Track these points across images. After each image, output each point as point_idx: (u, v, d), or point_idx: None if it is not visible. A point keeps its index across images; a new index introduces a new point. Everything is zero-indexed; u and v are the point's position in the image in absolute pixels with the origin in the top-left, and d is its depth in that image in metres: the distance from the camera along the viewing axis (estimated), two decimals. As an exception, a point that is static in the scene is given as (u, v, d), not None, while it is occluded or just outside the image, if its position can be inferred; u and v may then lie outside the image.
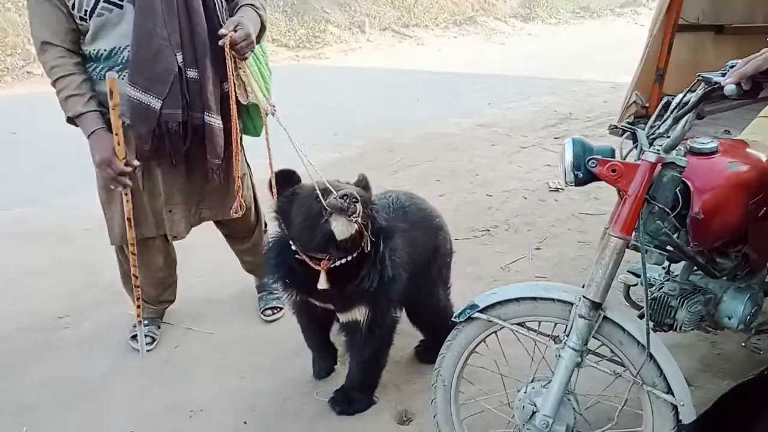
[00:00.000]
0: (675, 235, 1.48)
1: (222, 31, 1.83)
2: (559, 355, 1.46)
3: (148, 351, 2.31)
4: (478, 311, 1.56)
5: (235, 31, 1.83)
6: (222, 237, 2.50)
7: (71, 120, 1.91)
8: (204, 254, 2.91)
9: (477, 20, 12.59)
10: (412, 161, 4.60)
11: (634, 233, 1.42)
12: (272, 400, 2.09)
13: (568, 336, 1.45)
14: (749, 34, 3.33)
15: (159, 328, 2.43)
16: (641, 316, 1.78)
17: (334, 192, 1.63)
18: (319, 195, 1.63)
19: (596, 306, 1.41)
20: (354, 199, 1.58)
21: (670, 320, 1.62)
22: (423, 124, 5.66)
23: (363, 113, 6.10)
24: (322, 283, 1.73)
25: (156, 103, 1.87)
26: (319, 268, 1.71)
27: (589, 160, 1.40)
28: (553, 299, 1.50)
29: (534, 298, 1.53)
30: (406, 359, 2.28)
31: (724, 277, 1.70)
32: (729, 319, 1.69)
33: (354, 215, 1.59)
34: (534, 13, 13.83)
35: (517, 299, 1.55)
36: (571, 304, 1.47)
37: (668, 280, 1.75)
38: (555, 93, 6.91)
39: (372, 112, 6.11)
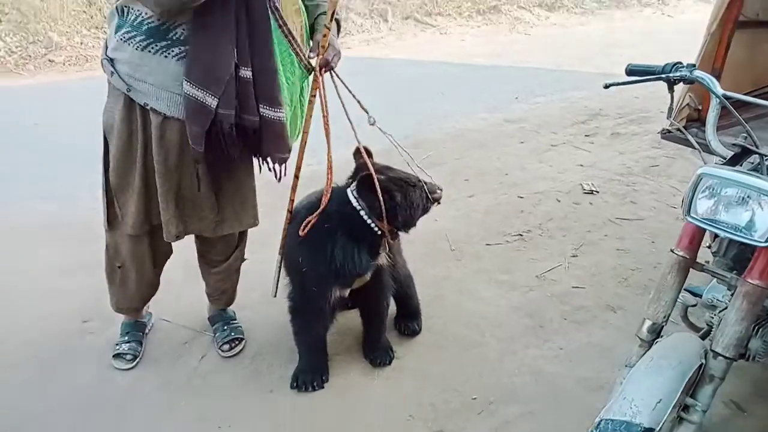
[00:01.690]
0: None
1: (311, 55, 1.96)
2: (688, 421, 1.33)
3: (129, 369, 2.20)
4: None
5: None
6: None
7: None
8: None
9: (501, 9, 12.28)
10: (439, 159, 4.47)
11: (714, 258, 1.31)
12: (303, 416, 2.02)
13: (693, 397, 1.33)
14: (812, 31, 3.13)
15: (141, 344, 2.29)
16: (702, 337, 1.67)
17: (427, 184, 2.12)
18: (427, 192, 2.09)
19: (731, 361, 1.33)
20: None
21: (742, 349, 1.50)
22: (448, 119, 5.51)
23: (386, 106, 5.91)
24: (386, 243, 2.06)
25: (212, 102, 1.75)
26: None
27: None
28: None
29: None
30: (439, 377, 2.19)
31: (798, 303, 1.58)
32: (804, 347, 1.57)
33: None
34: (559, 2, 13.45)
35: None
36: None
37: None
38: (583, 87, 6.69)
39: (396, 106, 5.96)
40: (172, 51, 1.75)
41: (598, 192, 3.78)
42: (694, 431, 1.31)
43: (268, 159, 2.00)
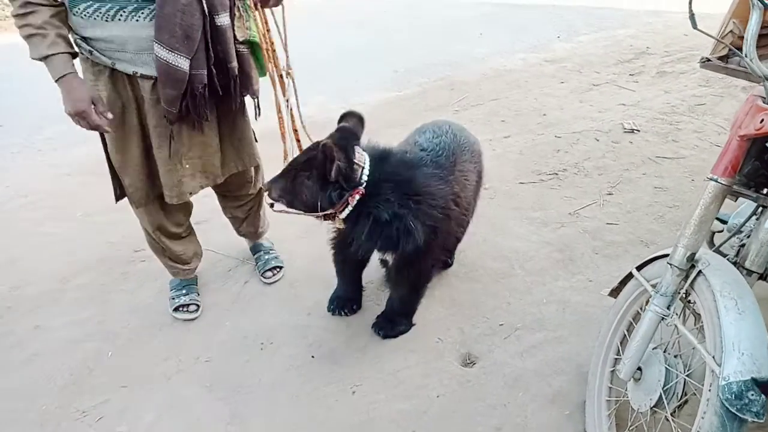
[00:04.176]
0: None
1: None
2: None
3: (194, 319, 2.25)
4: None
5: None
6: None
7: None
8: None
9: (546, -55, 11.63)
10: (475, 100, 4.42)
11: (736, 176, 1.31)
12: (337, 336, 2.15)
13: None
14: None
15: (198, 294, 2.34)
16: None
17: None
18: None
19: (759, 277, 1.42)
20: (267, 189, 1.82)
21: (762, 269, 1.51)
22: (486, 60, 5.40)
23: (422, 49, 5.87)
24: (339, 223, 1.86)
25: (185, 63, 1.66)
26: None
27: None
28: None
29: None
30: (469, 303, 2.27)
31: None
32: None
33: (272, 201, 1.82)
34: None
35: None
36: None
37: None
38: (629, 25, 6.39)
39: (432, 48, 5.87)
40: (142, 13, 1.64)
41: (639, 131, 3.68)
42: None
43: (246, 95, 1.96)
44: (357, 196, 1.75)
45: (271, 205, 1.86)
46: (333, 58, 5.69)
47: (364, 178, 1.75)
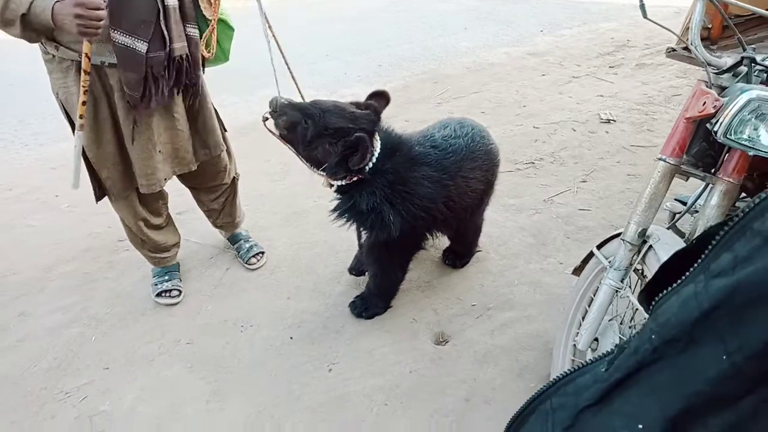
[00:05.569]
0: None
1: None
2: None
3: (176, 303, 2.30)
4: None
5: None
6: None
7: (25, 24, 1.57)
8: (248, 184, 3.00)
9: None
10: (457, 93, 4.49)
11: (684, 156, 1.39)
12: (316, 318, 2.21)
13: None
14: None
15: (180, 280, 2.39)
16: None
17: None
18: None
19: None
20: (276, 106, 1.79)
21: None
22: (470, 54, 5.47)
23: (407, 43, 5.94)
24: (326, 184, 1.90)
25: (142, 47, 1.69)
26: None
27: None
28: None
29: None
30: (444, 285, 2.35)
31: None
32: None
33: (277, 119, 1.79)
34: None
35: None
36: None
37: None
38: (612, 19, 6.49)
39: (416, 43, 5.94)
40: (105, 3, 1.60)
41: (615, 121, 3.77)
42: None
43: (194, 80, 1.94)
44: (354, 178, 1.81)
45: (265, 120, 1.81)
46: (320, 53, 5.75)
47: (369, 166, 1.78)
